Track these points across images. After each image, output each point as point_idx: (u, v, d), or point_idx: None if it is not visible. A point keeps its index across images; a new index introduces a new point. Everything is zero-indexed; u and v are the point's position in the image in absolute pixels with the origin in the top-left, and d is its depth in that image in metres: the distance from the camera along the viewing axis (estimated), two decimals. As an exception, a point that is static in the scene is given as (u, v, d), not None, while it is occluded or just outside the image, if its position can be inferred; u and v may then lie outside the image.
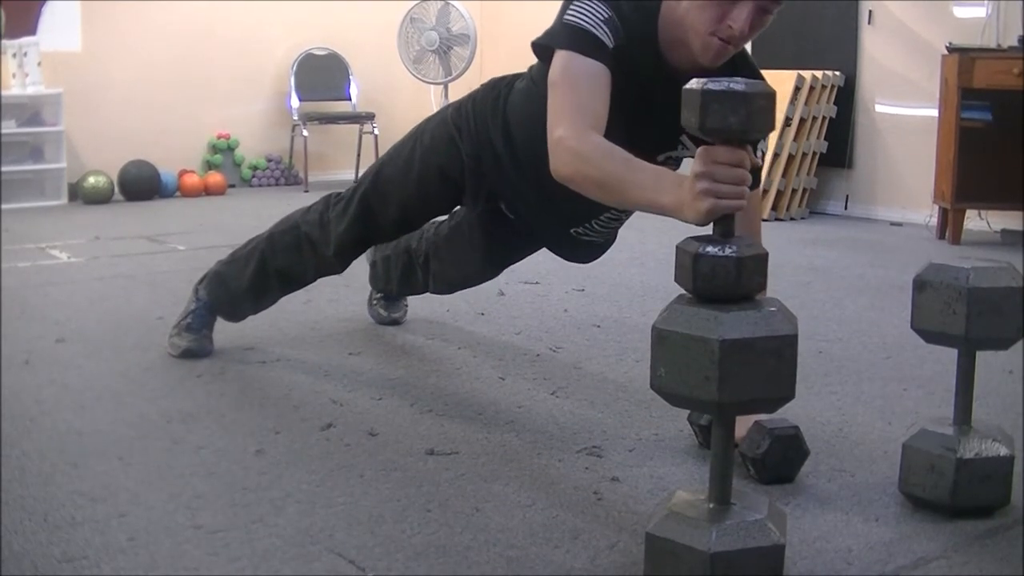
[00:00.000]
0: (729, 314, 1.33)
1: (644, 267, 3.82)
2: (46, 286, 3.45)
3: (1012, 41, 4.50)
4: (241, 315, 2.60)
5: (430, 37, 6.63)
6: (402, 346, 2.73)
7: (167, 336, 2.59)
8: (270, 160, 6.76)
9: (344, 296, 3.22)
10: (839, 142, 5.38)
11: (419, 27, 6.66)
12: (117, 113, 6.04)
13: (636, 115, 1.84)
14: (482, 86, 2.19)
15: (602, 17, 1.76)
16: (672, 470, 1.85)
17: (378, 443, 1.98)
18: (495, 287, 3.22)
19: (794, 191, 5.30)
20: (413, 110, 6.25)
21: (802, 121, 5.20)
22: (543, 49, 1.84)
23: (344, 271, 2.45)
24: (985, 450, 1.63)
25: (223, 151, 6.55)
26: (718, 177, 1.39)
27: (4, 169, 5.44)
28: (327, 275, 2.49)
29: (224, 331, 2.62)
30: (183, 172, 6.25)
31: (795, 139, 5.20)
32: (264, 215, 3.48)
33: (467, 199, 2.25)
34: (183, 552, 1.51)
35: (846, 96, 5.35)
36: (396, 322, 2.93)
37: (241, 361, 2.52)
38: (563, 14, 1.79)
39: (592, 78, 1.73)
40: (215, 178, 6.33)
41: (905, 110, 5.18)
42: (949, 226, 4.61)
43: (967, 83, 4.37)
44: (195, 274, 2.70)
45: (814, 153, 5.33)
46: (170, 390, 2.30)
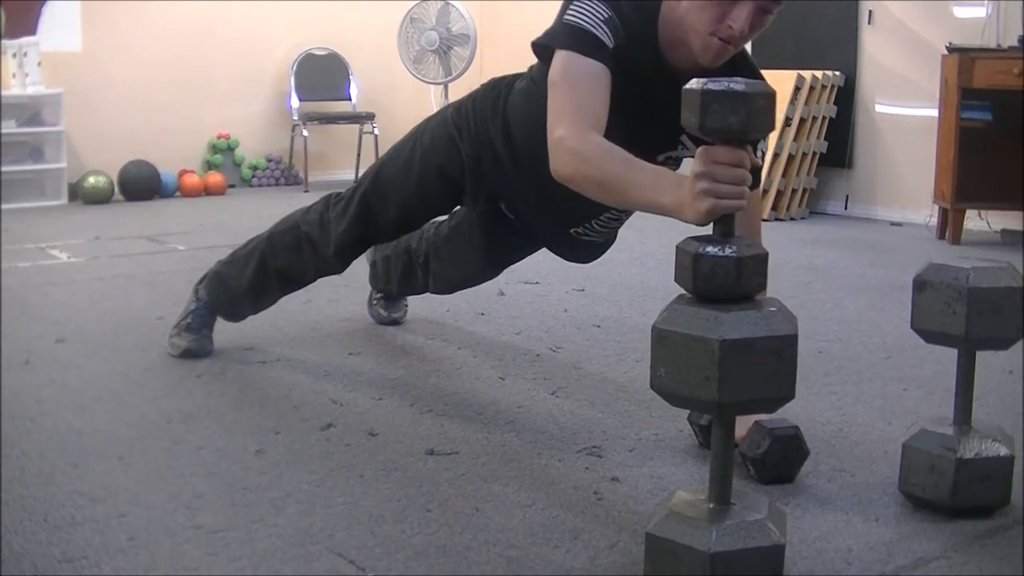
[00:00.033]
0: (729, 314, 1.33)
1: (644, 267, 3.82)
2: (46, 286, 3.45)
3: (1012, 41, 4.50)
4: (241, 315, 2.60)
5: (430, 37, 6.63)
6: (402, 346, 2.73)
7: (167, 336, 2.60)
8: (270, 160, 6.76)
9: (344, 296, 3.22)
10: (839, 142, 5.38)
11: (419, 27, 6.66)
12: (117, 113, 6.04)
13: (636, 115, 1.84)
14: (482, 86, 2.19)
15: (602, 17, 1.76)
16: (672, 470, 1.85)
17: (378, 443, 1.98)
18: (495, 287, 3.22)
19: (794, 191, 5.30)
20: (413, 110, 6.25)
21: (802, 121, 5.20)
22: (543, 49, 1.84)
23: (344, 271, 2.45)
24: (985, 450, 1.63)
25: (223, 151, 6.55)
26: (718, 177, 1.39)
27: (4, 169, 5.44)
28: (327, 275, 2.49)
29: (224, 331, 2.63)
30: (183, 172, 6.25)
31: (795, 139, 5.20)
32: (264, 215, 3.48)
33: (467, 199, 2.25)
34: (183, 552, 1.51)
35: (846, 96, 5.35)
36: (396, 322, 2.93)
37: (241, 361, 2.53)
38: (563, 14, 1.79)
39: (592, 78, 1.73)
40: (215, 178, 6.33)
41: (905, 110, 5.18)
42: (949, 226, 4.61)
43: (967, 83, 4.37)
44: (195, 274, 2.70)
45: (814, 153, 5.33)
46: (170, 390, 2.30)
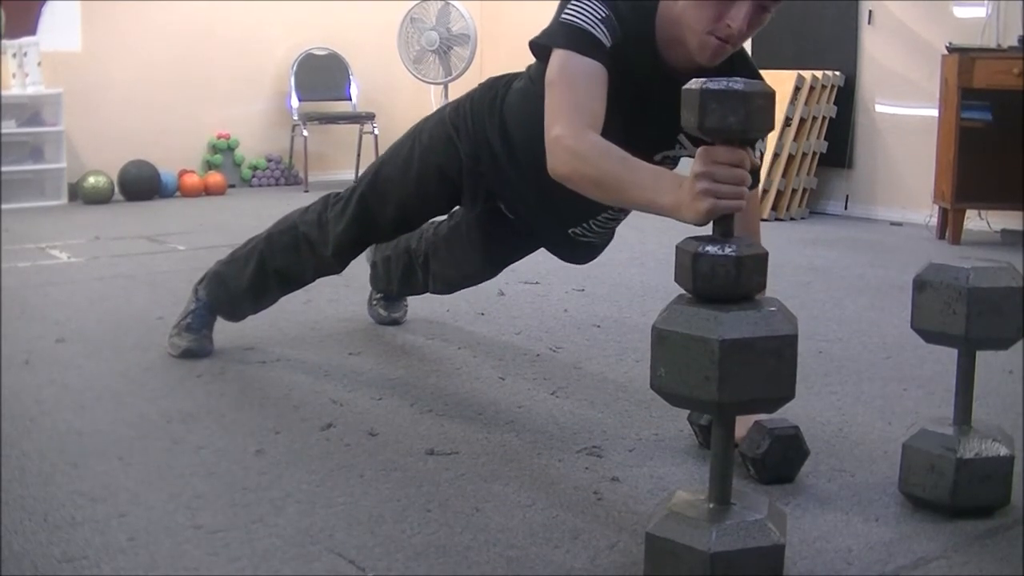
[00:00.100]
0: (729, 314, 1.33)
1: (644, 267, 3.82)
2: (46, 286, 3.45)
3: (1012, 41, 4.50)
4: (241, 315, 2.60)
5: (430, 37, 6.63)
6: (402, 346, 2.73)
7: (167, 336, 2.59)
8: (270, 160, 6.76)
9: (344, 296, 3.22)
10: (839, 142, 5.38)
11: (419, 27, 6.66)
12: (117, 113, 6.04)
13: (633, 114, 1.84)
14: (480, 85, 2.18)
15: (599, 16, 1.76)
16: (672, 470, 1.85)
17: (378, 443, 1.98)
18: (495, 287, 3.22)
19: (794, 191, 5.30)
20: (413, 110, 6.25)
21: (802, 121, 5.20)
22: (541, 48, 1.83)
23: (343, 271, 2.45)
24: (985, 450, 1.63)
25: (223, 151, 6.55)
26: (718, 177, 1.39)
27: (4, 169, 5.45)
28: (326, 275, 2.49)
29: (224, 331, 2.63)
30: (183, 172, 6.25)
31: (795, 139, 5.20)
32: (264, 215, 3.47)
33: (465, 199, 2.25)
34: (183, 552, 1.51)
35: (846, 96, 5.35)
36: (396, 322, 2.93)
37: (241, 361, 2.53)
38: (560, 13, 1.78)
39: (589, 77, 1.73)
40: (215, 178, 6.33)
41: (905, 110, 5.18)
42: (949, 226, 4.61)
43: (967, 83, 4.37)
44: (195, 274, 2.70)
45: (814, 153, 5.33)
46: (170, 390, 2.30)
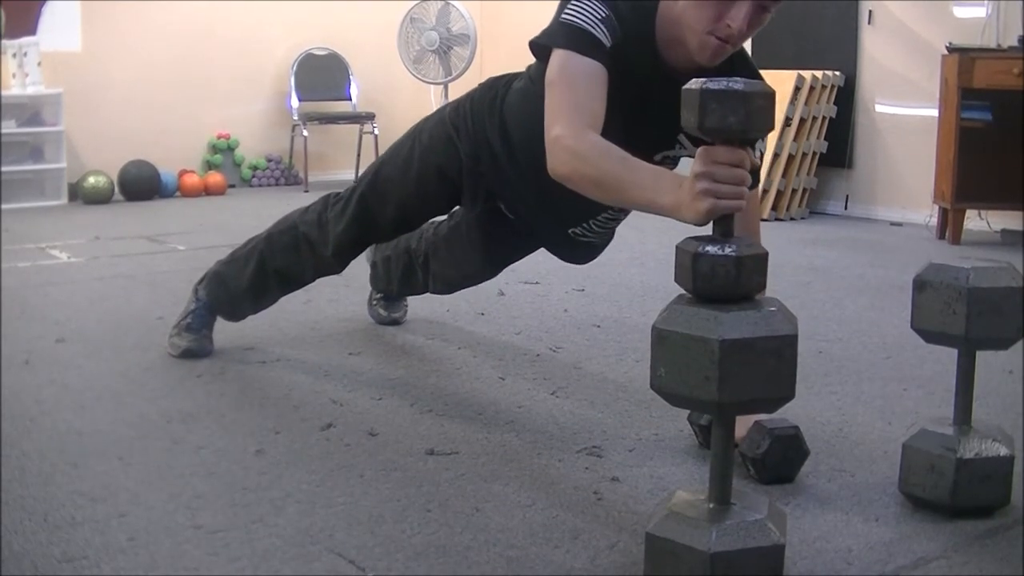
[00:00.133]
0: (729, 314, 1.33)
1: (644, 267, 3.82)
2: (46, 286, 3.45)
3: (1012, 41, 4.50)
4: (241, 315, 2.60)
5: (430, 37, 6.63)
6: (402, 346, 2.73)
7: (167, 336, 2.59)
8: (270, 160, 6.76)
9: (344, 296, 3.22)
10: (839, 142, 5.38)
11: (419, 27, 6.66)
12: (117, 113, 6.04)
13: (633, 114, 1.84)
14: (480, 85, 2.18)
15: (599, 16, 1.76)
16: (672, 470, 1.85)
17: (378, 443, 1.98)
18: (495, 287, 3.22)
19: (794, 191, 5.30)
20: (413, 110, 6.25)
21: (802, 121, 5.20)
22: (541, 48, 1.83)
23: (343, 271, 2.45)
24: (985, 450, 1.63)
25: (223, 151, 6.55)
26: (718, 177, 1.39)
27: (4, 169, 5.45)
28: (326, 275, 2.49)
29: (224, 331, 2.63)
30: (183, 172, 6.25)
31: (795, 139, 5.20)
32: (264, 215, 3.47)
33: (465, 199, 2.25)
34: (183, 552, 1.51)
35: (846, 96, 5.35)
36: (396, 322, 2.93)
37: (241, 361, 2.52)
38: (560, 13, 1.78)
39: (589, 77, 1.73)
40: (215, 178, 6.33)
41: (905, 110, 5.18)
42: (949, 226, 4.60)
43: (967, 83, 4.37)
44: (195, 274, 2.70)
45: (814, 153, 5.33)
46: (170, 390, 2.30)
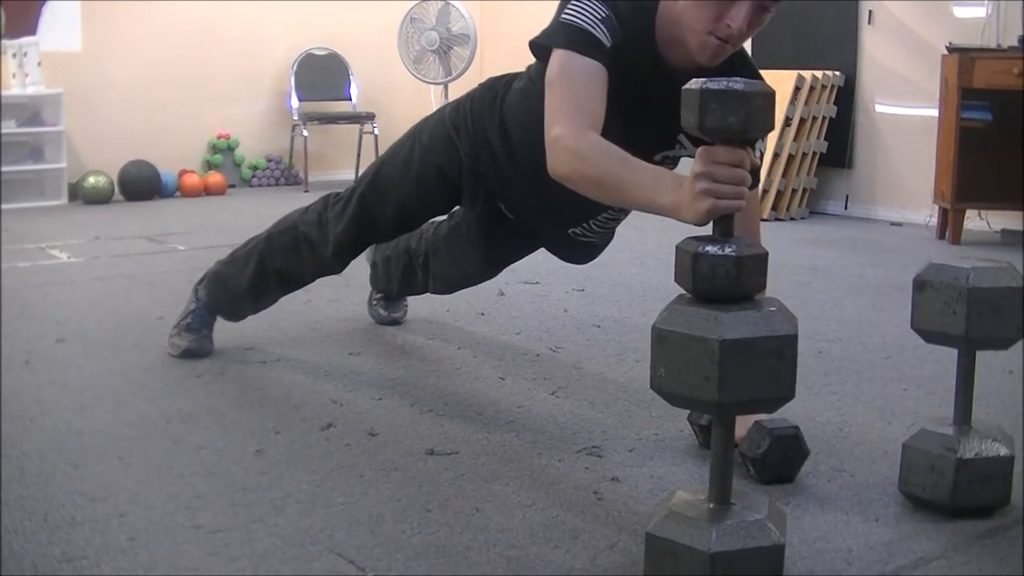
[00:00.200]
0: (729, 314, 1.33)
1: (644, 267, 3.82)
2: (46, 286, 3.45)
3: (1012, 41, 4.50)
4: (241, 315, 2.60)
5: (430, 37, 6.63)
6: (402, 346, 2.73)
7: (167, 336, 2.59)
8: (270, 160, 6.76)
9: (344, 296, 3.22)
10: (839, 142, 5.38)
11: (419, 27, 6.66)
12: (117, 113, 6.04)
13: (633, 114, 1.84)
14: (480, 85, 2.18)
15: (599, 16, 1.76)
16: (672, 470, 1.85)
17: (378, 443, 1.98)
18: (495, 287, 3.22)
19: (794, 191, 5.30)
20: (413, 110, 6.25)
21: (802, 121, 5.20)
22: (541, 48, 1.83)
23: (343, 271, 2.45)
24: (985, 450, 1.63)
25: (223, 151, 6.55)
26: (718, 177, 1.39)
27: (4, 169, 5.44)
28: (326, 275, 2.49)
29: (224, 331, 2.63)
30: (183, 172, 6.25)
31: (795, 139, 5.20)
32: (264, 215, 3.47)
33: (465, 199, 2.25)
34: (183, 552, 1.51)
35: (846, 96, 5.35)
36: (396, 322, 2.92)
37: (241, 361, 2.52)
38: (560, 13, 1.78)
39: (589, 77, 1.73)
40: (215, 178, 6.33)
41: (905, 110, 5.18)
42: (949, 226, 4.61)
43: (967, 83, 4.37)
44: (195, 274, 2.70)
45: (814, 153, 5.33)
46: (170, 390, 2.30)
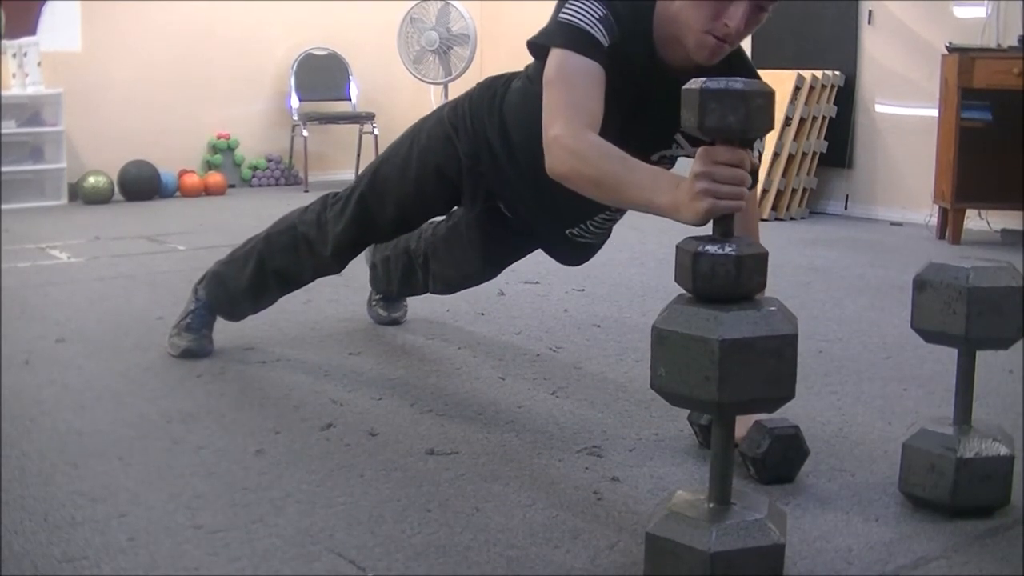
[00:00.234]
0: (729, 314, 1.33)
1: (644, 267, 3.82)
2: (46, 286, 3.45)
3: (1012, 41, 4.50)
4: (240, 315, 2.60)
5: (430, 37, 6.63)
6: (402, 346, 2.73)
7: (167, 336, 2.59)
8: (270, 160, 6.76)
9: (344, 296, 3.22)
10: (839, 142, 5.38)
11: (419, 27, 6.66)
12: (117, 113, 6.04)
13: (631, 114, 1.84)
14: (478, 85, 2.18)
15: (597, 16, 1.75)
16: (672, 470, 1.85)
17: (378, 443, 1.98)
18: (495, 287, 3.22)
19: (794, 191, 5.30)
20: (413, 110, 6.22)
21: (802, 121, 5.20)
22: (539, 48, 1.83)
23: (342, 271, 2.45)
24: (985, 450, 1.63)
25: (223, 151, 6.55)
26: (717, 177, 1.39)
27: (4, 169, 5.45)
28: (325, 275, 2.49)
29: (224, 331, 2.63)
30: (183, 172, 6.25)
31: (795, 139, 5.20)
32: (264, 215, 3.47)
33: (465, 199, 2.25)
34: (183, 552, 1.51)
35: (846, 96, 5.35)
36: (396, 322, 2.93)
37: (241, 361, 2.52)
38: (558, 13, 1.78)
39: (587, 76, 1.73)
40: (215, 178, 6.33)
41: (905, 110, 5.18)
42: (949, 226, 4.61)
43: (967, 83, 4.37)
44: (195, 274, 2.70)
45: (814, 153, 5.33)
46: (170, 390, 2.30)
